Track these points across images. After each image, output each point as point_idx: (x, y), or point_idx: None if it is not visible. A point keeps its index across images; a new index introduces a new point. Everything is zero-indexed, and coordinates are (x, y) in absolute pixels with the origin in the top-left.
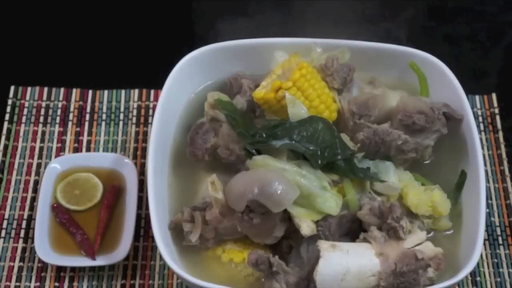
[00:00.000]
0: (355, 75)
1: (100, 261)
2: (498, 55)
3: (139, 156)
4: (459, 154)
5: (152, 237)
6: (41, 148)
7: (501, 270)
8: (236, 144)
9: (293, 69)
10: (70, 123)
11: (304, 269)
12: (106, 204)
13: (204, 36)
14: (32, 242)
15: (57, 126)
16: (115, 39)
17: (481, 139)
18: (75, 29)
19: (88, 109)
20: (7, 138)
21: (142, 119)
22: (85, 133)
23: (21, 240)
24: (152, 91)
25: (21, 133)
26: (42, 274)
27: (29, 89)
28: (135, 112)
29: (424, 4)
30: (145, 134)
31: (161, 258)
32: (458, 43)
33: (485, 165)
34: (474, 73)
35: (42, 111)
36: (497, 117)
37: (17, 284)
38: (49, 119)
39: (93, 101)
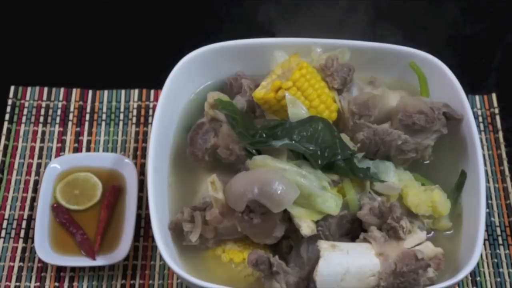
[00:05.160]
0: (355, 75)
1: (100, 261)
2: (498, 55)
3: (139, 156)
4: (459, 154)
5: (152, 237)
6: (41, 148)
7: (501, 270)
8: (236, 144)
9: (293, 69)
10: (70, 123)
11: (304, 269)
12: (106, 204)
13: (204, 36)
14: (32, 242)
15: (57, 126)
16: (115, 39)
17: (481, 139)
18: (75, 29)
19: (88, 109)
20: (7, 138)
21: (142, 119)
22: (85, 133)
23: (21, 240)
24: (152, 91)
25: (21, 133)
26: (42, 274)
27: (29, 89)
28: (135, 112)
29: (424, 4)
30: (145, 134)
31: (161, 258)
32: (458, 43)
33: (485, 165)
34: (474, 73)
35: (42, 111)
36: (497, 117)
37: (17, 284)
38: (49, 119)
39: (93, 101)
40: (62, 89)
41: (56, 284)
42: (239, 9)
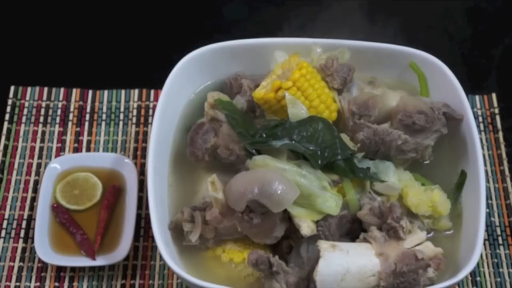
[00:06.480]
0: (355, 75)
1: (100, 261)
2: (498, 55)
3: (139, 156)
4: (459, 154)
5: (152, 237)
6: (41, 148)
7: (501, 270)
8: (236, 144)
9: (293, 69)
10: (70, 123)
11: (304, 269)
12: (106, 204)
13: (204, 36)
14: (32, 242)
15: (57, 126)
16: (115, 39)
17: (481, 139)
18: (75, 29)
19: (88, 109)
20: (7, 138)
21: (142, 119)
22: (85, 133)
23: (21, 240)
24: (152, 91)
25: (21, 133)
26: (42, 274)
27: (29, 89)
28: (135, 112)
29: (424, 4)
30: (145, 134)
31: (161, 258)
32: (458, 43)
33: (485, 165)
34: (474, 73)
35: (42, 111)
36: (497, 117)
37: (17, 284)
38: (49, 119)
39: (93, 101)
40: (62, 89)
41: (56, 284)
42: (239, 9)
